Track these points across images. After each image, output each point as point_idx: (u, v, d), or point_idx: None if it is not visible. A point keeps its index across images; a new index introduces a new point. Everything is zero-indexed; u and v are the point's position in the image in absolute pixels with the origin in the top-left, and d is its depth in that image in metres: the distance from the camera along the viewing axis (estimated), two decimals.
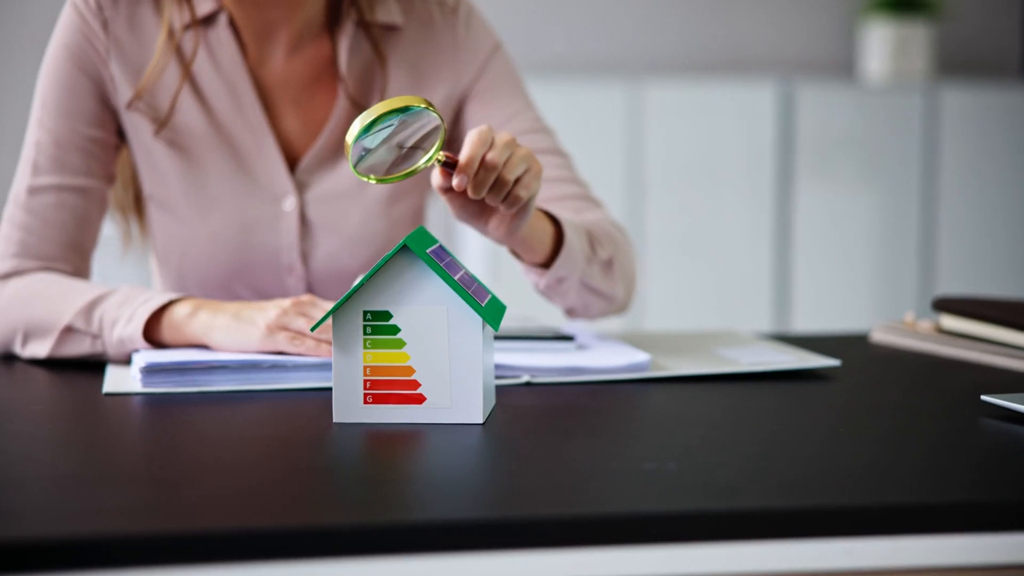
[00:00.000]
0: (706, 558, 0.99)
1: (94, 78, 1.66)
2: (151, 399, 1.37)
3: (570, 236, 1.59)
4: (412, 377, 1.26)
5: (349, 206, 1.72)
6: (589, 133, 4.15)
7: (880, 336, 1.75)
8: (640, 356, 1.51)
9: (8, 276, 1.62)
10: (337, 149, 1.73)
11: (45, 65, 1.67)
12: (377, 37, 1.71)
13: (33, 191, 1.64)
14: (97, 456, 1.18)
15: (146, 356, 1.43)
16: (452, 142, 1.77)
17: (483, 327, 1.26)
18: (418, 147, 1.35)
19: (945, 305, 1.68)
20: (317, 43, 1.72)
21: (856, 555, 1.00)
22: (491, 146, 1.37)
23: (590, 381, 1.47)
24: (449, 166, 1.37)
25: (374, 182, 1.34)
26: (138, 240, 1.81)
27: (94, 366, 1.53)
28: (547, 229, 1.58)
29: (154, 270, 1.79)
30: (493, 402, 1.34)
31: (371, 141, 1.31)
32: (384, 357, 1.26)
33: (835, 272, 4.26)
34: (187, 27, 1.67)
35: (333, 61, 1.72)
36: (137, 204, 1.79)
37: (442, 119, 1.33)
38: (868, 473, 1.10)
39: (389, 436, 1.23)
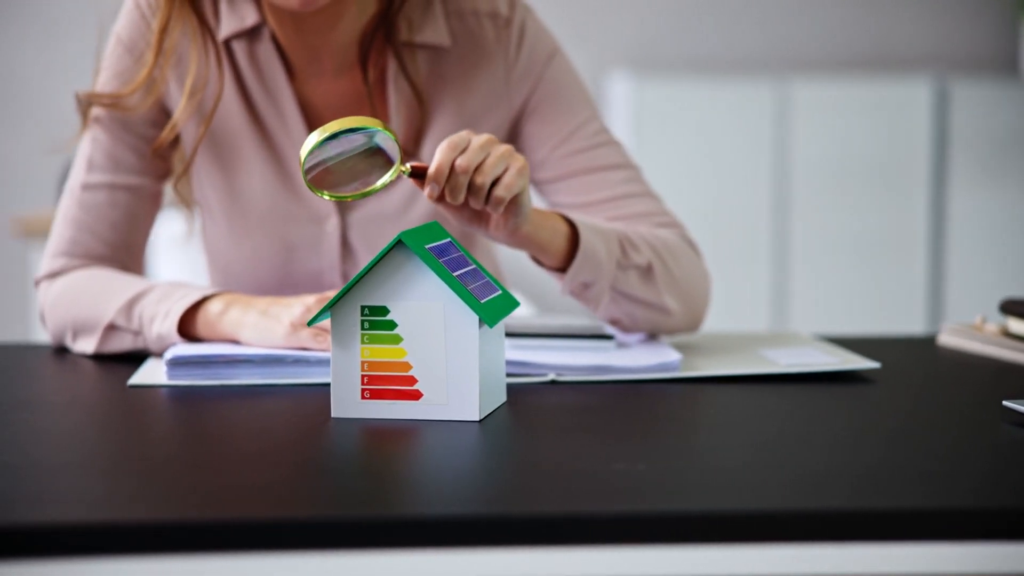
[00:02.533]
0: (672, 561, 0.97)
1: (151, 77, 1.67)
2: (173, 391, 1.39)
3: (588, 238, 1.53)
4: (409, 373, 1.26)
5: (391, 228, 1.71)
6: (736, 131, 4.10)
7: (946, 339, 1.69)
8: (670, 356, 1.49)
9: (56, 275, 1.65)
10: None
11: (104, 60, 1.69)
12: (416, 61, 1.67)
13: (87, 187, 1.67)
14: (102, 445, 1.20)
15: (175, 349, 1.45)
16: None
17: (481, 324, 1.24)
18: (375, 167, 1.35)
19: (1012, 308, 1.61)
20: (371, 66, 1.68)
21: (817, 561, 0.97)
22: (463, 151, 1.36)
23: (618, 380, 1.45)
24: (419, 176, 1.36)
25: (328, 198, 1.34)
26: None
27: (139, 358, 1.56)
28: (560, 230, 1.52)
29: (207, 268, 1.81)
30: (502, 399, 1.32)
31: (325, 155, 1.32)
32: (381, 352, 1.26)
33: (993, 276, 4.13)
34: (233, 37, 1.67)
35: (381, 82, 1.69)
36: None
37: (398, 141, 1.33)
38: (864, 477, 1.07)
39: (383, 432, 1.23)
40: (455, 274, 1.26)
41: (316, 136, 1.31)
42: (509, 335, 1.55)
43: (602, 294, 1.57)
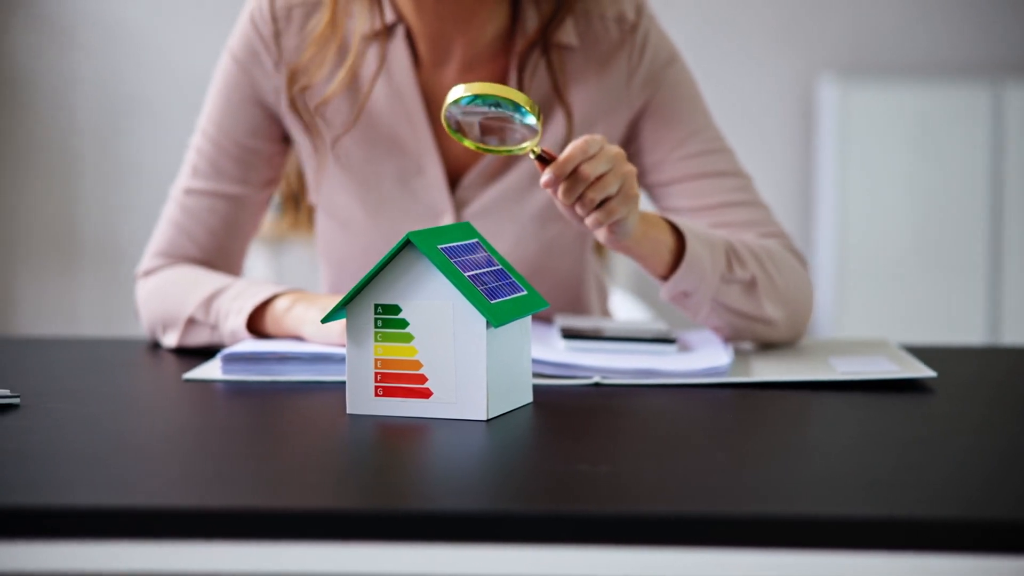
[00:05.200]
0: (634, 563, 0.97)
1: (259, 90, 1.71)
2: (224, 386, 1.43)
3: (695, 250, 1.54)
4: (420, 371, 1.27)
5: (504, 222, 1.73)
6: (948, 137, 3.98)
7: None
8: (720, 361, 1.46)
9: (150, 273, 1.72)
10: (501, 167, 1.72)
11: (216, 71, 1.74)
12: (552, 59, 1.69)
13: (189, 192, 1.73)
14: (130, 433, 1.25)
15: (237, 345, 1.50)
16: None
17: (491, 325, 1.25)
18: (508, 133, 1.38)
19: None
20: (494, 62, 1.71)
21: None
22: (592, 157, 1.38)
23: (665, 385, 1.43)
24: (544, 161, 1.38)
25: (457, 139, 1.38)
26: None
27: (213, 352, 1.62)
28: (665, 243, 1.54)
29: (321, 266, 1.85)
30: (525, 400, 1.33)
31: (471, 110, 1.36)
32: (394, 351, 1.28)
33: None
34: (368, 38, 1.69)
35: (503, 79, 1.72)
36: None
37: (540, 121, 1.35)
38: (865, 485, 1.06)
39: (390, 430, 1.25)
40: (469, 274, 1.27)
41: (462, 90, 1.34)
42: (569, 337, 1.55)
43: (702, 304, 1.58)
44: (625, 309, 2.64)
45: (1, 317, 4.28)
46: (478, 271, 1.29)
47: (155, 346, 1.69)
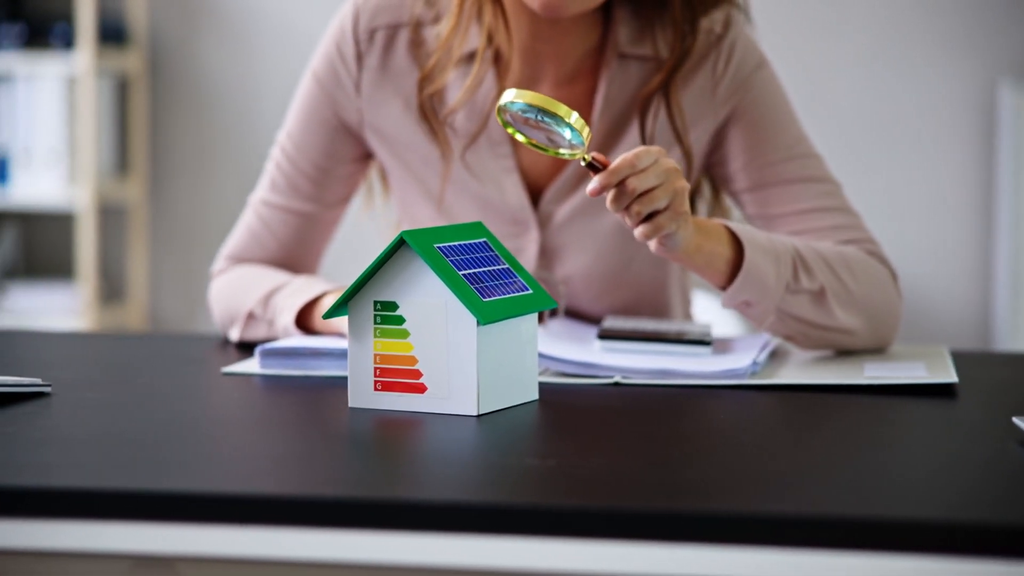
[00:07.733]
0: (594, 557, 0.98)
1: (339, 112, 1.75)
2: (259, 379, 1.49)
3: (754, 261, 1.52)
4: (415, 367, 1.30)
5: (585, 235, 1.73)
6: None
7: None
8: (740, 363, 1.45)
9: (220, 273, 1.80)
10: (579, 181, 1.73)
11: (297, 90, 1.79)
12: (672, 105, 1.69)
13: (265, 204, 1.79)
14: (143, 421, 1.31)
15: (274, 342, 1.55)
16: (711, 167, 1.77)
17: (478, 323, 1.27)
18: (561, 136, 1.39)
19: None
20: (584, 79, 1.73)
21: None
22: (642, 171, 1.37)
23: (684, 385, 1.43)
24: (594, 169, 1.39)
25: (509, 131, 1.40)
26: None
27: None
28: (723, 254, 1.52)
29: None
30: (528, 397, 1.35)
31: (521, 114, 1.38)
32: (391, 347, 1.31)
33: None
34: (458, 62, 1.70)
35: (590, 94, 1.73)
36: None
37: (587, 142, 1.37)
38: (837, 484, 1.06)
39: (384, 423, 1.28)
40: (466, 273, 1.29)
41: (512, 95, 1.37)
42: (604, 337, 1.56)
43: (766, 314, 1.56)
44: (708, 312, 2.60)
45: (186, 318, 4.45)
46: (477, 270, 1.31)
47: (225, 342, 1.76)
